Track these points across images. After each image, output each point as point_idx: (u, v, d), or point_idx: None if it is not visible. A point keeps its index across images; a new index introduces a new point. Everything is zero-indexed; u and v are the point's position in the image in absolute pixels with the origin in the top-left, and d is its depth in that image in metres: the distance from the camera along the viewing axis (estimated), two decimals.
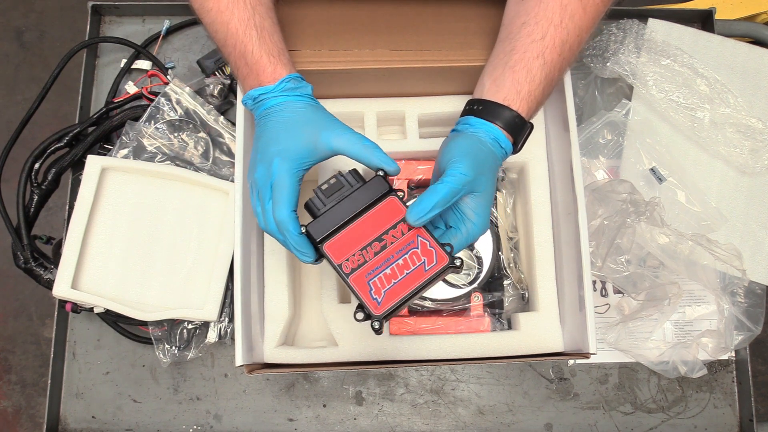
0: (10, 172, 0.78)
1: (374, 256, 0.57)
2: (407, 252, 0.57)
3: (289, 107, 0.59)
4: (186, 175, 0.80)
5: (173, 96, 0.83)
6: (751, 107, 0.86)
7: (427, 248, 0.57)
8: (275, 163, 0.56)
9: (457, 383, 0.84)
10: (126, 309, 0.75)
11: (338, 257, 0.57)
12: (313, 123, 0.58)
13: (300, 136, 0.57)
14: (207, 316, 0.76)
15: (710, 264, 0.79)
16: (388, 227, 0.57)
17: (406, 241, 0.57)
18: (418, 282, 0.56)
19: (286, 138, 0.57)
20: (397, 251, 0.57)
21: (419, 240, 0.57)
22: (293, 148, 0.57)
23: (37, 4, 1.78)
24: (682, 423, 0.83)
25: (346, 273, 0.56)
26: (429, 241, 0.57)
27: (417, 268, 0.56)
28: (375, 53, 0.70)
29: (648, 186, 0.85)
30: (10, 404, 1.57)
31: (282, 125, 0.58)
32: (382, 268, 0.56)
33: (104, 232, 0.78)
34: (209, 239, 0.80)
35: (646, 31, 0.88)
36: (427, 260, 0.56)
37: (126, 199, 0.79)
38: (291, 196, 0.56)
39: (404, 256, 0.57)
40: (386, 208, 0.58)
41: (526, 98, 0.60)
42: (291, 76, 0.60)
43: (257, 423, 0.83)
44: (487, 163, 0.58)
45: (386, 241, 0.57)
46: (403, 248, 0.57)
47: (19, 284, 1.62)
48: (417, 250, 0.57)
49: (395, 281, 0.56)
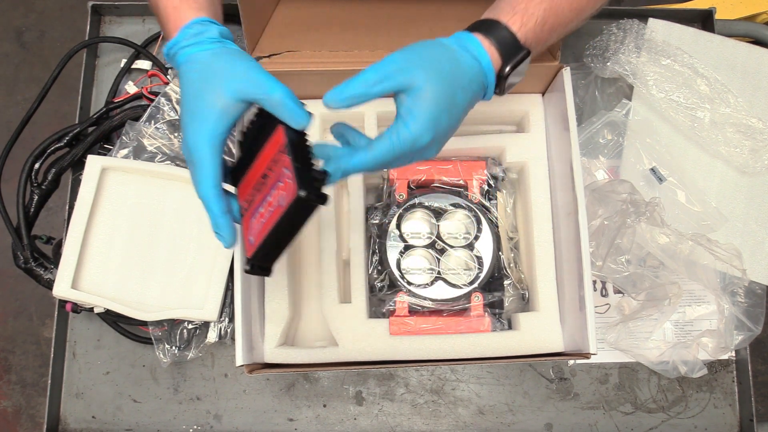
0: (10, 172, 0.78)
1: (257, 195, 0.51)
2: (275, 186, 0.49)
3: (195, 62, 0.52)
4: (186, 175, 0.79)
5: (173, 96, 0.83)
6: (751, 107, 0.86)
7: (287, 180, 0.47)
8: (188, 137, 0.51)
9: (457, 383, 0.84)
10: (126, 309, 0.75)
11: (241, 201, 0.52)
12: (217, 77, 0.51)
13: (206, 97, 0.50)
14: (207, 316, 0.76)
15: (710, 264, 0.78)
16: (270, 161, 0.50)
17: (279, 174, 0.49)
18: (274, 221, 0.48)
19: (194, 103, 0.51)
20: (271, 186, 0.49)
21: (284, 171, 0.48)
22: (202, 114, 0.50)
23: (37, 4, 1.78)
24: (682, 423, 0.83)
25: (241, 216, 0.51)
26: (288, 170, 0.47)
27: (279, 205, 0.48)
28: (375, 54, 0.70)
29: (648, 186, 0.85)
30: (10, 404, 1.57)
31: (189, 87, 0.52)
32: (258, 207, 0.50)
33: (104, 232, 0.78)
34: (209, 239, 0.80)
35: (647, 31, 0.88)
36: (285, 194, 0.47)
37: (126, 199, 0.79)
38: (210, 171, 0.50)
39: (273, 191, 0.49)
40: (274, 141, 0.51)
41: (521, 13, 0.52)
42: (195, 21, 0.53)
43: (257, 423, 0.83)
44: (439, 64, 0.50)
45: (268, 177, 0.50)
46: (275, 183, 0.49)
47: (19, 284, 1.62)
48: (281, 183, 0.48)
49: (263, 221, 0.49)
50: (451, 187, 0.78)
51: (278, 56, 0.72)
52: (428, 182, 0.78)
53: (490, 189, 0.78)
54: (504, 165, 0.78)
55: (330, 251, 0.74)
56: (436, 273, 0.74)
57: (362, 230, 0.75)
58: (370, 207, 0.78)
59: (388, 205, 0.77)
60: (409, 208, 0.76)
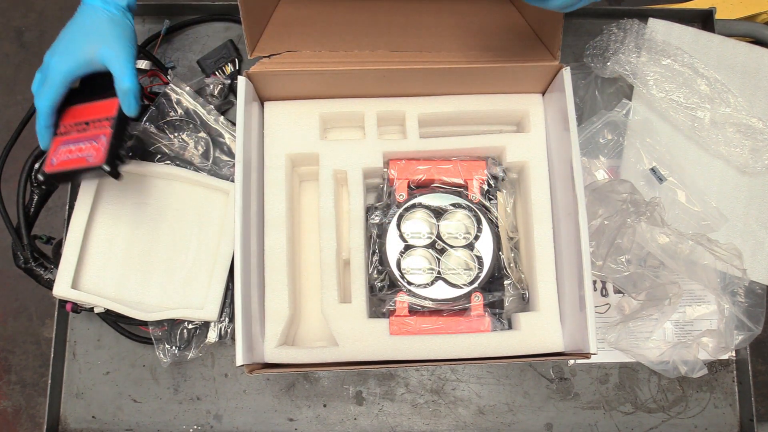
0: (10, 172, 0.78)
1: (73, 131, 0.69)
2: (90, 140, 0.67)
3: (94, 14, 0.67)
4: (186, 175, 0.80)
5: (173, 96, 0.83)
6: (751, 107, 0.86)
7: (101, 145, 0.66)
8: (53, 61, 0.67)
9: (457, 383, 0.84)
10: (126, 309, 0.75)
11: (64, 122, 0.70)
12: (100, 39, 0.66)
13: (83, 45, 0.66)
14: (207, 316, 0.76)
15: (710, 264, 0.78)
16: (97, 117, 0.69)
17: (97, 134, 0.67)
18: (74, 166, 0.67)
19: (72, 42, 0.67)
20: (88, 138, 0.68)
21: (102, 137, 0.67)
22: (72, 54, 0.66)
23: (37, 4, 1.77)
24: (682, 423, 0.83)
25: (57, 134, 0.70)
26: (105, 139, 0.67)
27: (85, 157, 0.67)
28: (375, 54, 0.70)
29: (648, 186, 0.85)
30: (10, 404, 1.57)
31: (77, 28, 0.67)
32: (70, 143, 0.68)
33: (105, 231, 0.78)
34: (209, 239, 0.80)
35: (647, 31, 0.88)
36: (94, 154, 0.66)
37: (126, 198, 0.79)
38: (54, 93, 0.67)
39: (86, 142, 0.67)
40: (108, 104, 0.69)
41: None
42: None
43: (257, 423, 0.83)
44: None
45: (89, 127, 0.69)
46: (92, 138, 0.68)
47: (19, 284, 1.62)
48: (96, 143, 0.67)
49: (69, 156, 0.67)
50: (452, 186, 0.78)
51: (278, 56, 0.72)
52: (428, 182, 0.78)
53: (490, 189, 0.78)
54: (504, 165, 0.78)
55: (330, 251, 0.74)
56: (436, 273, 0.74)
57: (362, 230, 0.75)
58: (370, 207, 0.78)
59: (388, 205, 0.77)
60: (409, 208, 0.76)
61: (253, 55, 0.72)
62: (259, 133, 0.76)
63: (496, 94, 0.78)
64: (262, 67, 0.70)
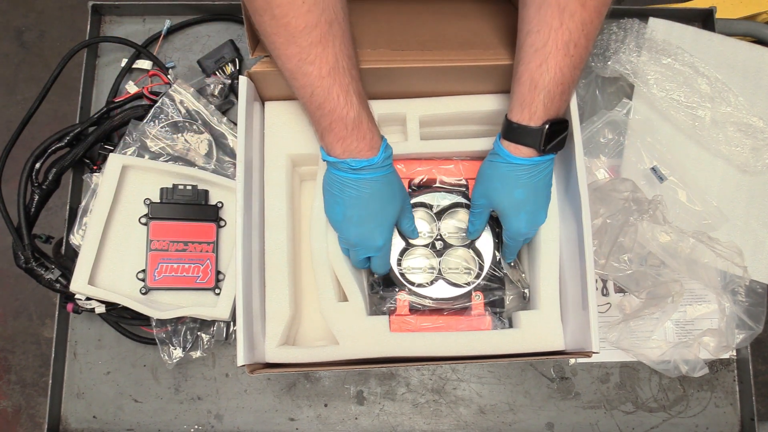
0: (10, 172, 0.78)
1: (172, 249, 0.77)
2: (194, 262, 0.77)
3: (384, 181, 0.67)
4: (202, 176, 0.80)
5: (176, 97, 0.83)
6: (751, 106, 0.86)
7: (208, 268, 0.78)
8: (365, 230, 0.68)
9: (458, 382, 0.84)
10: (141, 306, 0.75)
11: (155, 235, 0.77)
12: (397, 198, 0.69)
13: (387, 206, 0.68)
14: (219, 315, 0.76)
15: (711, 262, 0.78)
16: (197, 240, 0.78)
17: (200, 258, 0.78)
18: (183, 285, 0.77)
19: (380, 207, 0.68)
20: (190, 260, 0.77)
21: (208, 261, 0.78)
22: (385, 216, 0.69)
23: (37, 4, 1.77)
24: (683, 422, 0.83)
25: (151, 248, 0.77)
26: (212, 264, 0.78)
27: (192, 276, 0.77)
28: (376, 53, 0.70)
29: (649, 185, 0.85)
30: (10, 404, 1.57)
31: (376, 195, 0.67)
32: (171, 260, 0.77)
33: (120, 230, 0.78)
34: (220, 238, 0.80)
35: (647, 30, 0.88)
36: (201, 276, 0.77)
37: (141, 197, 0.79)
38: (389, 251, 0.73)
39: (191, 265, 0.77)
40: (206, 227, 0.79)
41: (528, 106, 0.63)
42: (385, 142, 0.66)
43: (258, 423, 0.83)
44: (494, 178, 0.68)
45: (188, 248, 0.77)
46: (196, 260, 0.77)
47: (19, 284, 1.62)
48: (201, 266, 0.78)
49: (173, 275, 0.77)
50: (452, 186, 0.78)
51: None
52: (429, 182, 0.78)
53: None
54: None
55: (321, 251, 0.73)
56: (437, 272, 0.74)
57: None
58: None
59: None
60: None
61: (254, 55, 0.71)
62: (260, 133, 0.76)
63: (497, 93, 0.78)
64: (264, 67, 0.70)
